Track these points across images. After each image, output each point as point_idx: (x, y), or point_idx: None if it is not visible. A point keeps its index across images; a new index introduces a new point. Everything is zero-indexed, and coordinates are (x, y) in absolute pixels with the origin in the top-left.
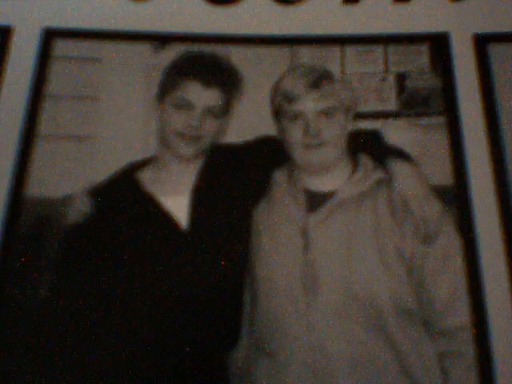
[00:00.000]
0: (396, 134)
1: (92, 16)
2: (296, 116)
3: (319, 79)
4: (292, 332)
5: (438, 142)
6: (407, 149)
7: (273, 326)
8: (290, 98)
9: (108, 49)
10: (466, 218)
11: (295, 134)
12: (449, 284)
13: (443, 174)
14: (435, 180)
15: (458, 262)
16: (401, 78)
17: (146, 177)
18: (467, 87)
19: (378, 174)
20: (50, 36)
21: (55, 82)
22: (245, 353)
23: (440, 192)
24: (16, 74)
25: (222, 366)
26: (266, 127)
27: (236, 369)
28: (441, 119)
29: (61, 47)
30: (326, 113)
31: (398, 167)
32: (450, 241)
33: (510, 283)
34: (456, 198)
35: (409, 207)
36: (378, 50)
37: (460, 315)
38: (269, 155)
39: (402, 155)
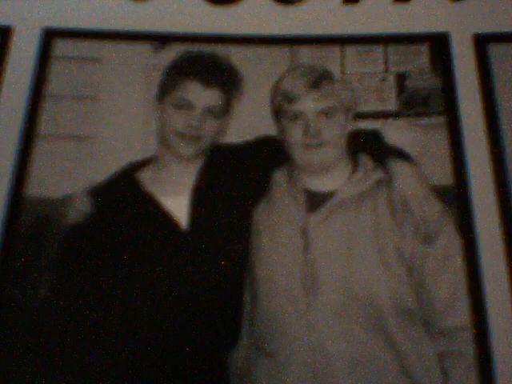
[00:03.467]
0: (396, 134)
1: (92, 16)
2: (296, 116)
3: (319, 79)
4: (292, 332)
5: (438, 142)
6: (407, 149)
7: (273, 326)
8: (290, 98)
9: (108, 49)
10: (465, 218)
11: (295, 134)
12: (449, 284)
13: (443, 174)
14: (435, 180)
15: (458, 262)
16: (401, 78)
17: (146, 177)
18: (467, 87)
19: (378, 174)
20: (49, 36)
21: (55, 82)
22: (245, 353)
23: (440, 192)
24: (16, 74)
25: (222, 366)
26: (265, 127)
27: (236, 369)
28: (441, 119)
29: (61, 47)
30: (326, 113)
31: (398, 167)
32: (449, 241)
33: (510, 283)
34: (456, 198)
35: (409, 207)
36: (378, 50)
37: (460, 315)
38: (269, 155)
39: (401, 155)
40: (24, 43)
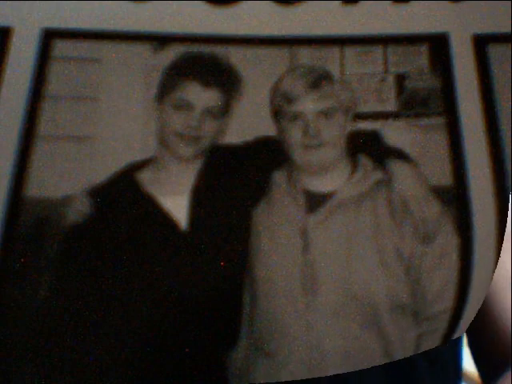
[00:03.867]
0: (395, 134)
1: (92, 16)
2: (295, 117)
3: (319, 80)
4: (291, 332)
5: (438, 142)
6: (407, 149)
7: (272, 326)
8: (290, 99)
9: (108, 49)
10: (464, 218)
11: (295, 135)
12: (442, 278)
13: (443, 175)
14: (434, 180)
15: (453, 258)
16: (400, 79)
17: (145, 177)
18: (466, 88)
19: (378, 175)
20: (49, 36)
21: (55, 83)
22: (244, 353)
23: (439, 192)
24: (15, 74)
25: (222, 366)
26: (265, 128)
27: (235, 369)
28: (440, 120)
29: (60, 48)
30: (326, 113)
31: (398, 168)
32: (448, 240)
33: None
34: (455, 198)
35: (408, 208)
36: (378, 50)
37: (446, 302)
38: (268, 156)
39: (401, 156)
40: (23, 44)
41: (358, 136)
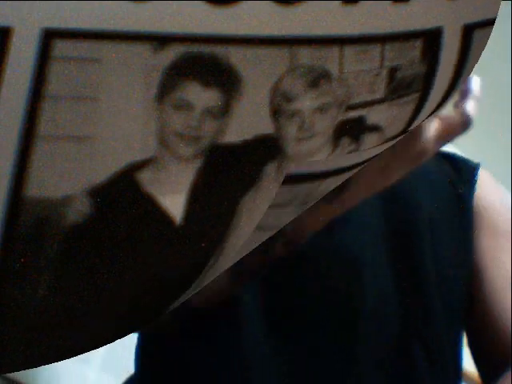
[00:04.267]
0: (378, 115)
1: (92, 16)
2: (293, 114)
3: (318, 79)
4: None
5: (407, 111)
6: (381, 123)
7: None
8: (289, 98)
9: (108, 49)
10: None
11: (291, 130)
12: None
13: (396, 129)
14: (389, 134)
15: None
16: (393, 72)
17: (145, 177)
18: (445, 68)
19: (351, 147)
20: (49, 36)
21: (55, 83)
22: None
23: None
24: (15, 74)
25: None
26: (265, 127)
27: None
28: (415, 95)
29: (60, 48)
30: (321, 109)
31: (368, 138)
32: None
33: None
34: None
35: None
36: (376, 48)
37: None
38: (264, 152)
39: (375, 129)
40: (23, 44)
41: (346, 123)
